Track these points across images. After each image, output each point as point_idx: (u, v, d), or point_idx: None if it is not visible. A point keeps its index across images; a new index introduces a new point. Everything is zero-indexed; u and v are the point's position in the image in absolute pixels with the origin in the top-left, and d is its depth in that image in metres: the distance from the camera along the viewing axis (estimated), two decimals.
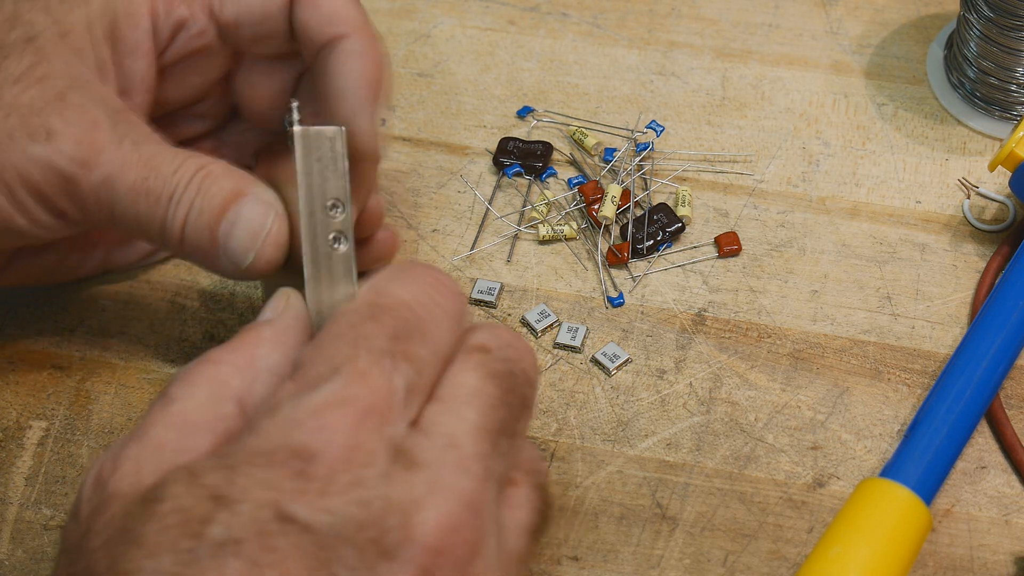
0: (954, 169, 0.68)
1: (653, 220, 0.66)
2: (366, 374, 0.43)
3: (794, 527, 0.57)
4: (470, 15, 0.76)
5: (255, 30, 0.59)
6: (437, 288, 0.46)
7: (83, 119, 0.54)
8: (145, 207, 0.54)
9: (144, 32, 0.58)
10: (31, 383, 0.63)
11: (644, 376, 0.62)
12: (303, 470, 0.41)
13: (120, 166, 0.54)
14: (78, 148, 0.54)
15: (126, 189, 0.54)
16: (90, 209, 0.55)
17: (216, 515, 0.40)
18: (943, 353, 0.62)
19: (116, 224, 0.55)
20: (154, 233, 0.55)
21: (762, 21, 0.75)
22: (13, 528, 0.59)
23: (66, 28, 0.56)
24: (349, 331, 0.44)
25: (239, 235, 0.54)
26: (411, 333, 0.45)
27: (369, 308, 0.45)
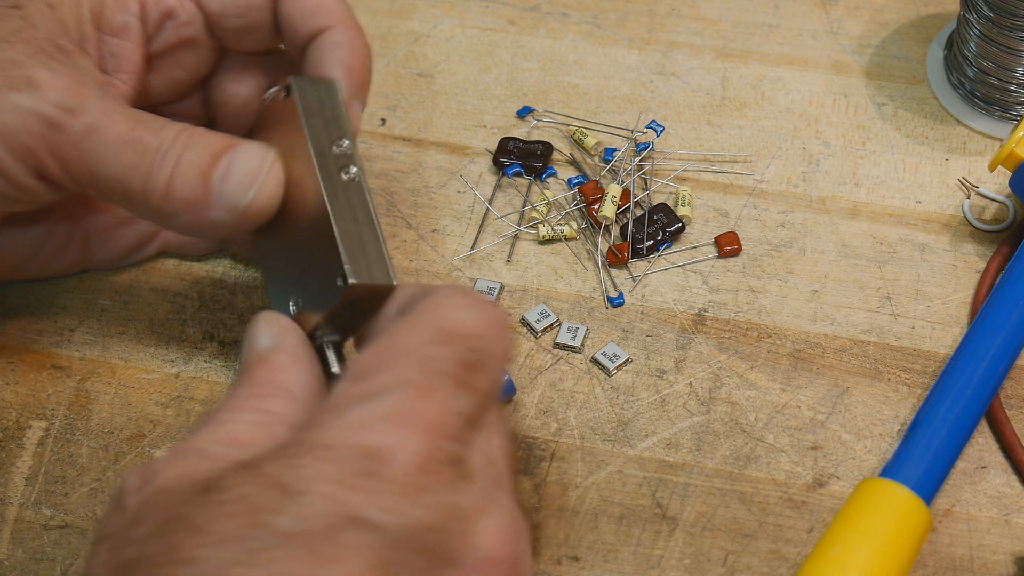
0: (954, 169, 0.68)
1: (653, 220, 0.66)
2: (434, 393, 0.44)
3: (794, 527, 0.57)
4: (470, 15, 0.76)
5: (240, 21, 0.59)
6: (500, 326, 0.47)
7: (69, 71, 0.54)
8: (131, 158, 0.53)
9: (133, 16, 0.58)
10: (31, 383, 0.63)
11: (644, 376, 0.62)
12: (372, 470, 0.41)
13: (107, 115, 0.53)
14: (63, 96, 0.53)
15: (112, 139, 0.53)
16: (72, 163, 0.54)
17: (283, 505, 0.40)
18: (943, 353, 0.62)
19: (97, 183, 0.54)
20: (136, 188, 0.54)
21: (762, 21, 0.75)
22: (13, 528, 0.59)
23: (53, 2, 0.56)
24: (418, 349, 0.45)
25: (237, 176, 0.53)
26: (475, 365, 0.45)
27: (438, 332, 0.45)
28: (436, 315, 0.46)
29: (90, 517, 0.59)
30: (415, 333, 0.45)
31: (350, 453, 0.42)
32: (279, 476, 0.41)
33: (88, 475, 0.60)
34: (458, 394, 0.44)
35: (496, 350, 0.46)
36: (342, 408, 0.43)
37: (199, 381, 0.62)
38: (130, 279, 0.66)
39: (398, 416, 0.43)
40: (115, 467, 0.60)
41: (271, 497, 0.41)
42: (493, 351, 0.46)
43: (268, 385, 0.47)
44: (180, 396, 0.62)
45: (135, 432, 0.61)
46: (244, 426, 0.45)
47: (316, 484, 0.41)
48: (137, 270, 0.66)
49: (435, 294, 0.47)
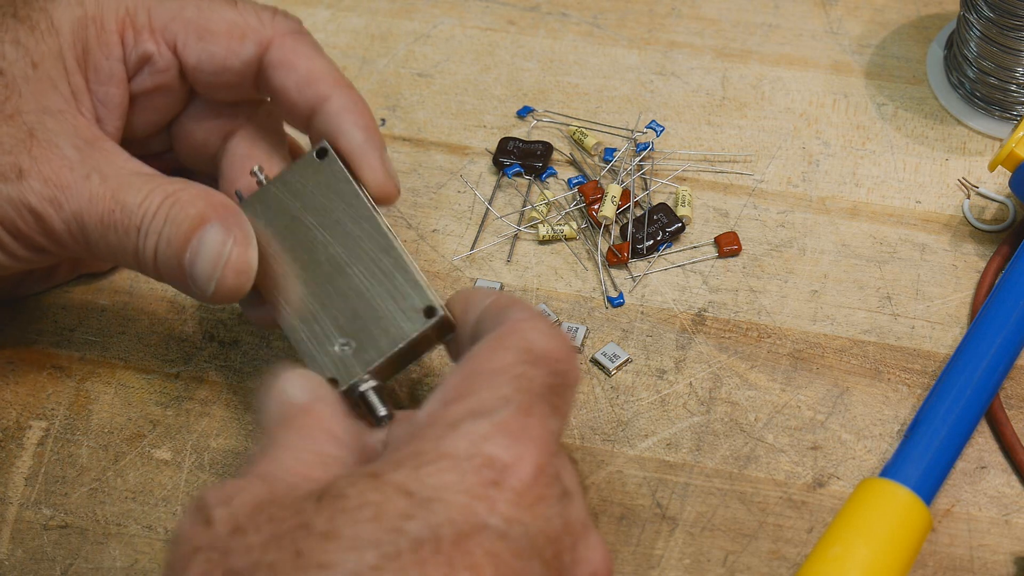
0: (954, 169, 0.68)
1: (653, 220, 0.66)
2: (533, 411, 0.45)
3: (794, 527, 0.57)
4: (470, 15, 0.76)
5: (211, 79, 0.60)
6: (573, 352, 0.49)
7: (51, 156, 0.55)
8: (115, 239, 0.55)
9: (116, 60, 0.59)
10: (31, 383, 0.63)
11: (644, 376, 0.62)
12: (496, 479, 0.43)
13: (88, 202, 0.54)
14: (47, 187, 0.54)
15: (95, 223, 0.55)
16: (65, 242, 0.56)
17: (414, 512, 0.41)
18: (943, 353, 0.62)
19: (93, 253, 0.56)
20: (130, 262, 0.56)
21: (762, 21, 0.75)
22: (13, 528, 0.59)
23: (36, 59, 0.56)
24: (510, 369, 0.46)
25: (201, 263, 0.54)
26: (559, 388, 0.47)
27: (525, 352, 0.47)
28: (521, 337, 0.47)
29: (90, 517, 0.59)
30: (504, 354, 0.47)
31: (474, 462, 0.43)
32: (405, 484, 0.42)
33: (88, 475, 0.60)
34: (551, 414, 0.46)
35: (572, 375, 0.48)
36: (456, 422, 0.44)
37: (199, 381, 0.62)
38: (130, 279, 0.66)
39: (511, 429, 0.44)
40: (115, 467, 0.60)
41: (402, 504, 0.42)
42: (570, 376, 0.48)
43: (318, 431, 0.48)
44: (180, 396, 0.62)
45: (135, 432, 0.61)
46: (303, 464, 0.46)
47: (444, 492, 0.42)
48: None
49: (513, 316, 0.48)
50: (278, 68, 0.59)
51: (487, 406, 0.45)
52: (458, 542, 0.41)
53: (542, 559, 0.42)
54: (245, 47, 0.59)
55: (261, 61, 0.59)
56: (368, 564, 0.40)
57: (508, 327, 0.48)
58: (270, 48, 0.59)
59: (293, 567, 0.41)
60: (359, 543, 0.41)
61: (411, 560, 0.40)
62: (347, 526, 0.41)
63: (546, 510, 0.43)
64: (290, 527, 0.42)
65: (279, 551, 0.41)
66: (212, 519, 0.43)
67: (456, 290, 0.64)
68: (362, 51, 0.75)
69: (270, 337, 0.64)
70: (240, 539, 0.42)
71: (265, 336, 0.64)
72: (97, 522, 0.58)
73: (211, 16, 0.59)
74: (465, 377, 0.46)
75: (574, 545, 0.44)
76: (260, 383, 0.49)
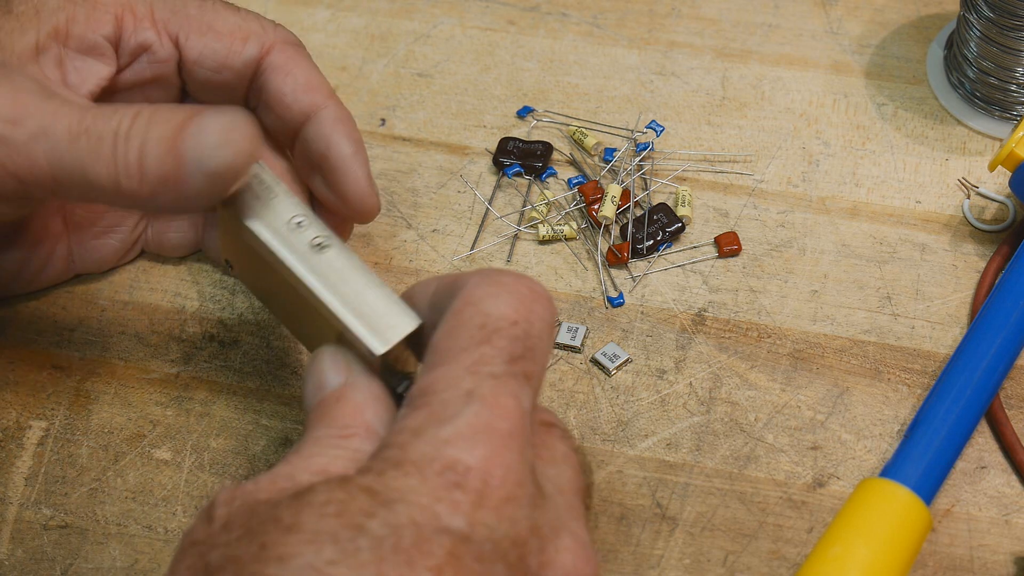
0: (954, 169, 0.68)
1: (653, 220, 0.66)
2: (497, 400, 0.44)
3: (794, 527, 0.57)
4: (470, 15, 0.76)
5: (210, 76, 0.60)
6: (534, 299, 0.47)
7: (7, 89, 0.52)
8: (88, 149, 0.51)
9: (103, 38, 0.58)
10: (31, 383, 0.63)
11: (644, 376, 0.62)
12: (459, 482, 0.42)
13: (52, 115, 0.51)
14: (3, 109, 0.51)
15: (62, 135, 0.51)
16: (26, 172, 0.51)
17: (376, 510, 0.41)
18: (943, 353, 0.62)
19: (59, 184, 0.52)
20: (106, 180, 0.51)
21: (762, 21, 0.75)
22: (13, 528, 0.59)
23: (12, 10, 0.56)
24: (465, 354, 0.45)
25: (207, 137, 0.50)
26: (523, 352, 0.46)
27: (479, 329, 0.46)
28: (473, 311, 0.46)
29: (90, 517, 0.59)
30: (458, 339, 0.46)
31: (436, 467, 0.43)
32: (371, 486, 0.42)
33: (88, 475, 0.60)
34: (518, 390, 0.45)
35: (537, 326, 0.46)
36: (418, 429, 0.44)
37: (199, 381, 0.62)
38: (130, 279, 0.66)
39: (474, 430, 0.43)
40: (115, 467, 0.60)
41: (365, 503, 0.41)
42: (535, 329, 0.46)
43: (352, 426, 0.47)
44: (180, 396, 0.62)
45: (135, 432, 0.61)
46: (333, 460, 0.46)
47: (407, 494, 0.42)
48: (137, 270, 0.66)
49: (467, 288, 0.47)
50: (277, 72, 0.60)
51: (449, 408, 0.44)
52: (419, 543, 0.41)
53: (506, 562, 0.42)
54: (247, 48, 0.60)
55: (259, 64, 0.60)
56: (325, 558, 0.40)
57: (460, 302, 0.47)
58: (271, 52, 0.60)
59: (255, 559, 0.41)
60: (319, 537, 0.41)
61: (369, 557, 0.40)
62: (310, 521, 0.41)
63: (513, 511, 0.43)
64: (262, 521, 0.42)
65: (248, 544, 0.41)
66: (213, 517, 0.44)
67: None
68: (362, 51, 0.75)
69: (270, 337, 0.64)
70: (224, 535, 0.42)
71: (265, 336, 0.64)
72: (97, 522, 0.58)
73: (214, 16, 0.60)
74: (427, 375, 0.46)
75: (542, 548, 0.44)
76: (297, 375, 0.49)
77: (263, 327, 0.64)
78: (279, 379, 0.62)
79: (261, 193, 0.52)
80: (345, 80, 0.73)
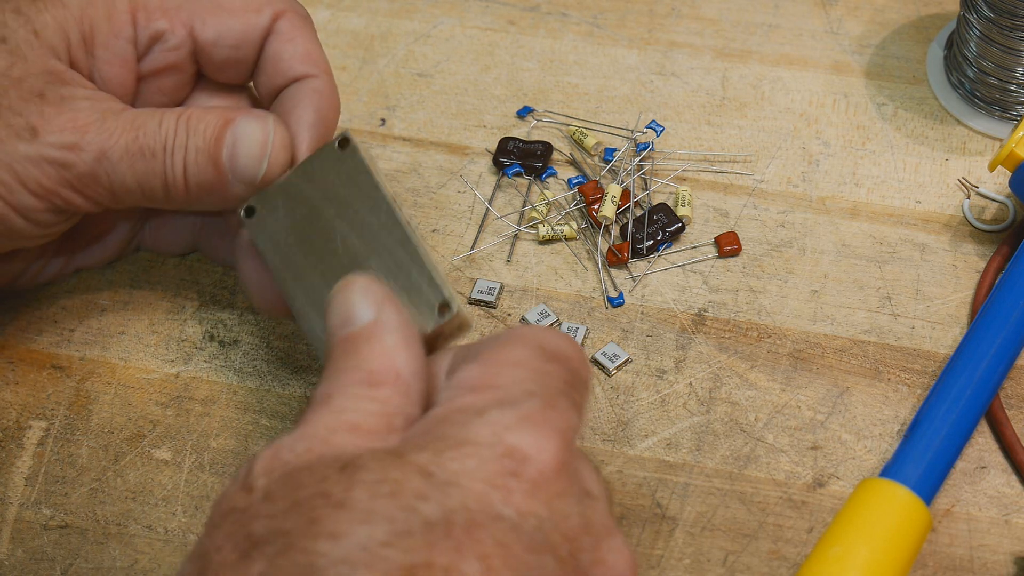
0: (954, 169, 0.68)
1: (653, 220, 0.66)
2: (557, 404, 0.45)
3: (794, 527, 0.57)
4: (470, 15, 0.76)
5: (230, 53, 0.61)
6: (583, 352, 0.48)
7: (63, 110, 0.55)
8: (143, 166, 0.56)
9: (126, 41, 0.59)
10: (31, 383, 0.63)
11: (644, 376, 0.62)
12: (516, 470, 0.42)
13: (108, 136, 0.55)
14: (63, 136, 0.55)
15: (120, 155, 0.55)
16: (90, 190, 0.56)
17: (430, 493, 0.41)
18: (943, 353, 0.62)
19: (117, 198, 0.57)
20: (158, 190, 0.57)
21: (762, 21, 0.75)
22: (13, 528, 0.59)
23: (39, 27, 0.57)
24: (530, 364, 0.46)
25: (244, 152, 0.56)
26: (576, 383, 0.47)
27: (540, 350, 0.47)
28: (532, 336, 0.47)
29: (90, 517, 0.59)
30: (520, 350, 0.46)
31: (496, 450, 0.43)
32: (426, 466, 0.42)
33: (88, 475, 0.60)
34: (571, 409, 0.46)
35: (584, 373, 0.48)
36: (481, 410, 0.44)
37: (199, 381, 0.62)
38: (130, 279, 0.66)
39: (535, 421, 0.44)
40: (115, 467, 0.60)
41: (419, 484, 0.41)
42: (583, 374, 0.48)
43: (382, 372, 0.46)
44: (180, 396, 0.62)
45: (135, 432, 0.61)
46: (365, 415, 0.45)
47: (462, 478, 0.42)
48: (137, 270, 0.66)
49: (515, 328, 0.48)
50: (281, 36, 0.60)
51: (512, 397, 0.44)
52: (469, 529, 0.41)
53: (556, 555, 0.42)
54: (262, 18, 0.60)
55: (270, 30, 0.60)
56: (378, 539, 0.40)
57: (514, 330, 0.48)
58: (280, 18, 0.60)
59: (305, 534, 0.40)
60: (372, 516, 0.40)
61: (421, 541, 0.40)
62: (363, 499, 0.41)
63: (564, 506, 0.43)
64: (310, 494, 0.41)
65: (296, 517, 0.41)
66: (253, 487, 0.43)
67: (456, 290, 0.65)
68: (362, 51, 0.75)
69: (270, 337, 0.64)
70: (268, 505, 0.42)
71: (265, 336, 0.64)
72: (97, 522, 0.58)
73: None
74: (486, 367, 0.46)
75: (596, 545, 0.44)
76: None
77: (263, 327, 0.64)
78: (279, 379, 0.62)
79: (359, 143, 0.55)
80: (345, 80, 0.73)
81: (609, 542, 0.44)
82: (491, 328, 0.63)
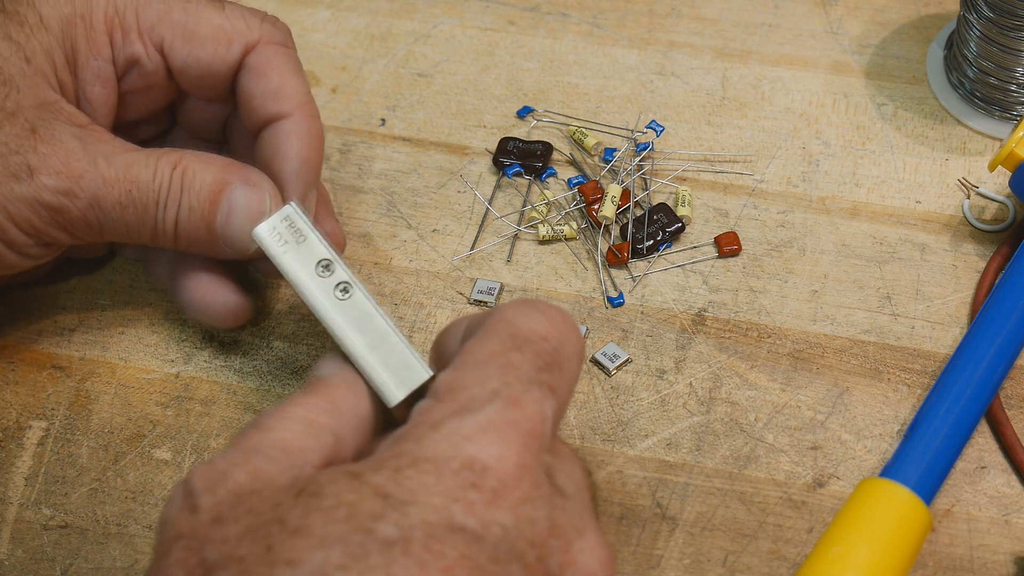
0: (954, 169, 0.68)
1: (653, 220, 0.66)
2: (521, 401, 0.44)
3: (794, 527, 0.57)
4: (470, 15, 0.76)
5: (198, 81, 0.61)
6: (566, 324, 0.48)
7: (57, 150, 0.55)
8: (133, 217, 0.56)
9: (105, 60, 0.59)
10: (31, 383, 0.63)
11: (644, 376, 0.62)
12: (475, 481, 0.42)
13: (102, 185, 0.55)
14: (59, 180, 0.55)
15: (112, 206, 0.56)
16: (80, 232, 0.57)
17: (386, 513, 0.41)
18: (943, 353, 0.62)
19: (104, 236, 0.57)
20: (147, 238, 0.57)
21: (762, 21, 0.75)
22: (13, 528, 0.59)
23: (29, 54, 0.57)
24: (495, 358, 0.46)
25: (237, 223, 0.56)
26: (551, 366, 0.46)
27: (510, 339, 0.46)
28: (504, 325, 0.47)
29: (90, 517, 0.59)
30: (489, 344, 0.46)
31: (453, 465, 0.42)
32: (383, 487, 0.42)
33: (88, 475, 0.60)
34: (542, 398, 0.45)
35: (567, 348, 0.47)
36: (438, 422, 0.44)
37: (199, 381, 0.62)
38: (130, 279, 0.66)
39: (495, 427, 0.43)
40: (115, 467, 0.60)
41: (375, 505, 0.41)
42: (564, 349, 0.47)
43: (320, 401, 0.47)
44: (180, 396, 0.62)
45: (135, 432, 0.61)
46: (293, 435, 0.46)
47: (419, 494, 0.41)
48: (137, 270, 0.66)
49: (499, 309, 0.48)
50: (251, 73, 0.60)
51: (473, 402, 0.44)
52: (429, 544, 0.40)
53: (522, 563, 0.42)
54: (231, 52, 0.60)
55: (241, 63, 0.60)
56: (334, 563, 0.40)
57: (494, 317, 0.47)
58: (252, 52, 0.60)
59: (262, 561, 0.40)
60: (327, 541, 0.40)
61: (379, 561, 0.40)
62: (318, 524, 0.41)
63: (530, 511, 0.43)
64: (265, 520, 0.42)
65: (252, 544, 0.41)
66: (198, 506, 0.43)
67: (456, 290, 0.65)
68: (362, 51, 0.75)
69: (270, 337, 0.64)
70: (219, 529, 0.42)
71: (265, 336, 0.64)
72: (97, 522, 0.58)
73: (198, 19, 0.60)
74: (453, 372, 0.46)
75: (566, 547, 0.43)
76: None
77: (263, 327, 0.64)
78: (279, 379, 0.62)
79: (290, 237, 0.53)
80: (345, 80, 0.73)
81: (581, 542, 0.44)
82: None
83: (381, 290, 0.64)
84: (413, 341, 0.63)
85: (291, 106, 0.59)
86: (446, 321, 0.64)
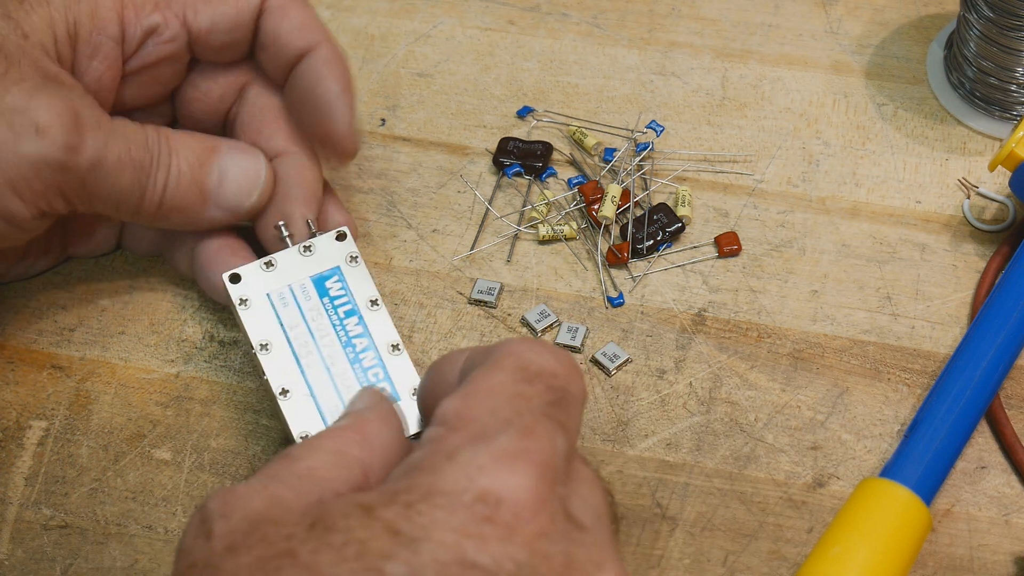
0: (954, 169, 0.68)
1: (653, 220, 0.66)
2: (535, 431, 0.43)
3: (794, 527, 0.57)
4: (470, 15, 0.76)
5: (225, 37, 0.61)
6: (573, 367, 0.47)
7: (64, 107, 0.56)
8: (129, 178, 0.57)
9: (110, 37, 0.59)
10: (31, 383, 0.63)
11: (644, 376, 0.62)
12: (489, 515, 0.41)
13: (104, 143, 0.56)
14: (67, 135, 0.55)
15: (112, 164, 0.56)
16: (75, 195, 0.57)
17: (397, 552, 0.40)
18: (943, 353, 0.62)
19: (93, 205, 0.58)
20: (132, 204, 0.58)
21: (762, 21, 0.75)
22: (13, 528, 0.59)
23: (27, 30, 0.57)
24: (507, 389, 0.45)
25: (235, 182, 0.59)
26: (561, 402, 0.45)
27: (520, 371, 0.46)
28: (512, 359, 0.46)
29: (90, 517, 0.59)
30: (498, 375, 0.45)
31: (467, 498, 0.41)
32: (394, 523, 0.41)
33: (88, 475, 0.60)
34: (554, 431, 0.44)
35: (574, 389, 0.46)
36: (453, 452, 0.43)
37: (199, 381, 0.62)
38: (130, 279, 0.66)
39: (509, 456, 0.42)
40: (115, 467, 0.60)
41: (385, 543, 0.40)
42: (572, 388, 0.46)
43: (352, 434, 0.47)
44: (180, 396, 0.62)
45: (135, 432, 0.61)
46: (321, 464, 0.45)
47: (431, 531, 0.41)
48: (137, 270, 0.66)
49: (505, 343, 0.47)
50: (275, 12, 0.61)
51: (487, 432, 0.43)
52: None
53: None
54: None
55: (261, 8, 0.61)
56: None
57: (502, 351, 0.47)
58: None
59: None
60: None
61: None
62: (327, 563, 0.40)
63: (546, 546, 0.41)
64: (277, 552, 0.41)
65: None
66: (212, 533, 0.42)
67: (456, 290, 0.65)
68: (362, 51, 0.75)
69: None
70: (231, 559, 0.41)
71: None
72: (97, 522, 0.58)
73: None
74: (463, 400, 0.45)
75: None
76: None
77: None
78: None
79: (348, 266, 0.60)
80: None
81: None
82: (491, 328, 0.63)
83: (381, 290, 0.64)
84: (413, 341, 0.63)
85: (320, 36, 0.61)
86: (447, 321, 0.64)
